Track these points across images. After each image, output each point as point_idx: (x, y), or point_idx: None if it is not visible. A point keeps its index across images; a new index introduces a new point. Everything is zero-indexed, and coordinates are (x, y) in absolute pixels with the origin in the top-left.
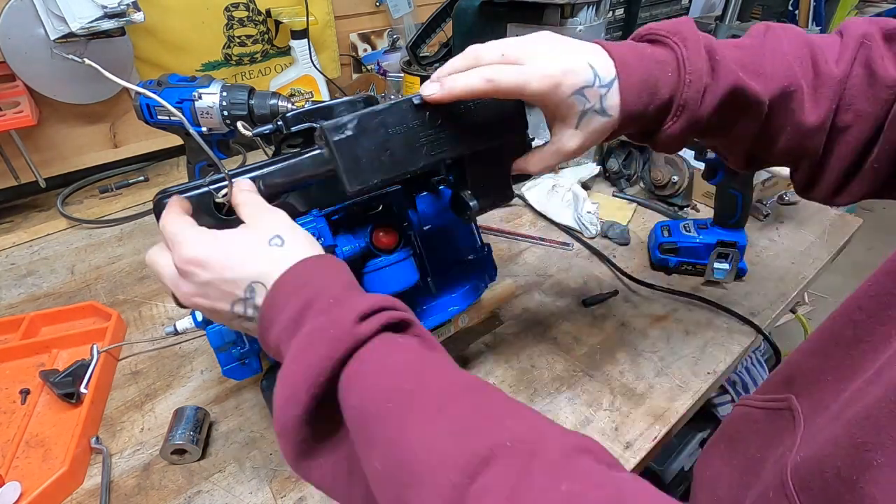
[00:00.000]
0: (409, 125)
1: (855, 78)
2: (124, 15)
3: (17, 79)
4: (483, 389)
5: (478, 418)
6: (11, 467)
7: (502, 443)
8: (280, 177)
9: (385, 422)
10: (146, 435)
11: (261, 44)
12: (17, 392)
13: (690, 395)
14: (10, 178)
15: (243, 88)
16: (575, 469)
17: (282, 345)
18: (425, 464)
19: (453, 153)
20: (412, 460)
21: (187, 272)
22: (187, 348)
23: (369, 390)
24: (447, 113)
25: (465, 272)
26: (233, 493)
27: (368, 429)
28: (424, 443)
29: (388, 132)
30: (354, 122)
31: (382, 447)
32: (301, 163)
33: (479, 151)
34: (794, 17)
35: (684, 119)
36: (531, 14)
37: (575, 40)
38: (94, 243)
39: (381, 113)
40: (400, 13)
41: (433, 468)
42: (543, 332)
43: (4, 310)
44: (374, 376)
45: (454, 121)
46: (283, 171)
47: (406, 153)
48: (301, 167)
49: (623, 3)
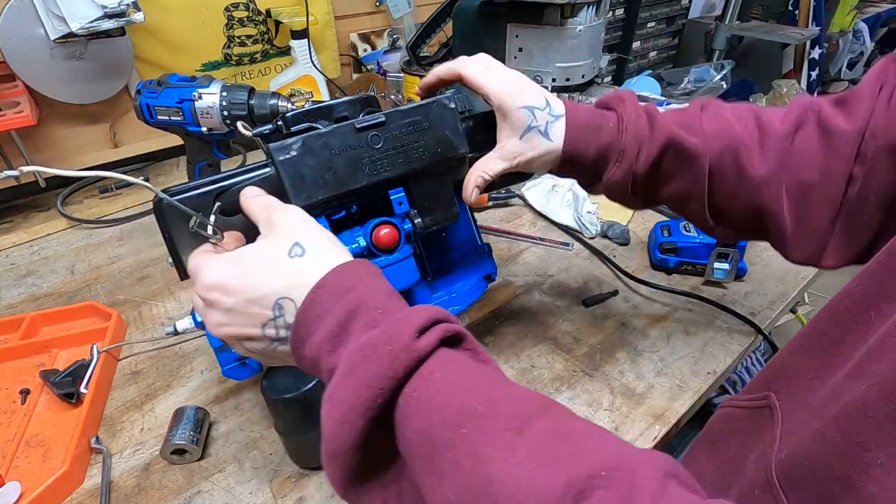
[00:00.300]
0: (352, 146)
1: (809, 139)
2: (124, 15)
3: (17, 79)
4: (552, 408)
5: (559, 443)
6: (11, 467)
7: (596, 472)
8: (234, 195)
9: (457, 449)
10: (146, 435)
11: (261, 44)
12: (17, 392)
13: (690, 395)
14: (10, 179)
15: (243, 88)
16: (673, 498)
17: (322, 358)
18: (513, 497)
19: (394, 172)
20: (496, 493)
21: (211, 301)
22: (187, 348)
23: (435, 413)
24: (388, 136)
25: (466, 271)
26: (233, 493)
27: (436, 457)
28: (509, 473)
29: (332, 153)
30: (299, 143)
31: (456, 477)
32: (251, 180)
33: (420, 171)
34: (794, 17)
35: (625, 165)
36: (531, 14)
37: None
38: (94, 243)
39: (324, 135)
40: (400, 13)
41: (523, 502)
42: (543, 332)
43: (4, 310)
44: (440, 397)
45: (394, 142)
46: (234, 190)
47: (349, 172)
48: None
49: (623, 3)
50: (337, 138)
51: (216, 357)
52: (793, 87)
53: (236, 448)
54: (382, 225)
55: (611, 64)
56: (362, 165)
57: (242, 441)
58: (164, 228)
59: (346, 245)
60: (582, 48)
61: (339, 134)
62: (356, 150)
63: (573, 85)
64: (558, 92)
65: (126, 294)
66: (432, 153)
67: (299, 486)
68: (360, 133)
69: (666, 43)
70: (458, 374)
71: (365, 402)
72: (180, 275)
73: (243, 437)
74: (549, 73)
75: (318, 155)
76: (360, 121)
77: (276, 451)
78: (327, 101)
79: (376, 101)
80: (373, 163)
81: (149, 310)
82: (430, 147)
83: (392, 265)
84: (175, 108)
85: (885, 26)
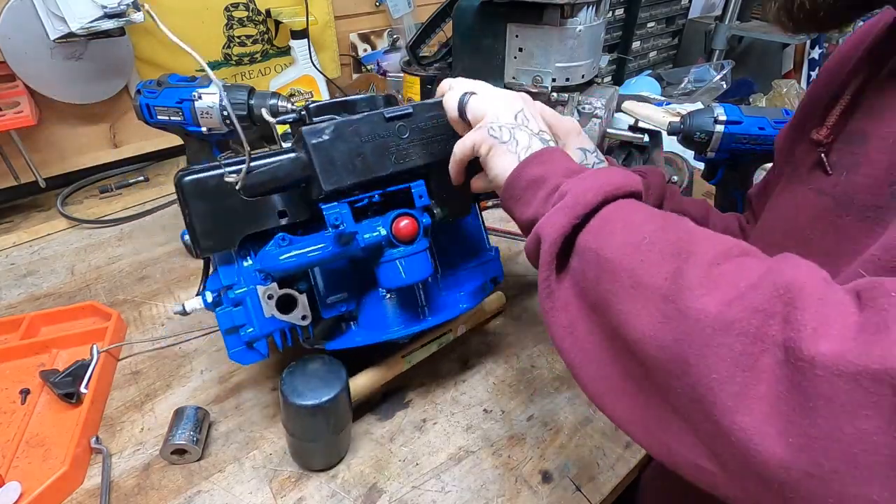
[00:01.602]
0: (381, 135)
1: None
2: (124, 15)
3: (17, 79)
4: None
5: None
6: (11, 467)
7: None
8: (266, 175)
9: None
10: (146, 435)
11: (261, 44)
12: (17, 392)
13: None
14: (10, 178)
15: (243, 88)
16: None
17: (553, 177)
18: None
19: (418, 162)
20: (692, 232)
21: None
22: (187, 348)
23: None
24: (414, 127)
25: (474, 272)
26: (233, 493)
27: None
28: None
29: (362, 140)
30: (331, 128)
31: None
32: (282, 162)
33: (441, 163)
34: None
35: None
36: (531, 14)
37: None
38: (94, 243)
39: (355, 122)
40: (400, 13)
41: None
42: (543, 332)
43: (4, 310)
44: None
45: (419, 134)
46: (268, 169)
47: (376, 159)
48: (282, 166)
49: (623, 3)
50: (367, 126)
51: (224, 340)
52: (792, 87)
53: (236, 448)
54: (403, 216)
55: (611, 64)
56: (389, 154)
57: (242, 441)
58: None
59: (367, 233)
60: (582, 48)
61: (369, 122)
62: (384, 139)
63: (573, 85)
64: (558, 92)
65: (126, 294)
66: (453, 147)
67: (299, 486)
68: (388, 122)
69: (666, 43)
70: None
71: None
72: (195, 251)
73: (243, 437)
74: (549, 73)
75: (348, 141)
76: (389, 111)
77: (276, 451)
78: (350, 96)
79: (396, 100)
80: (399, 152)
81: (149, 310)
82: (451, 141)
83: (409, 256)
84: (175, 108)
85: None
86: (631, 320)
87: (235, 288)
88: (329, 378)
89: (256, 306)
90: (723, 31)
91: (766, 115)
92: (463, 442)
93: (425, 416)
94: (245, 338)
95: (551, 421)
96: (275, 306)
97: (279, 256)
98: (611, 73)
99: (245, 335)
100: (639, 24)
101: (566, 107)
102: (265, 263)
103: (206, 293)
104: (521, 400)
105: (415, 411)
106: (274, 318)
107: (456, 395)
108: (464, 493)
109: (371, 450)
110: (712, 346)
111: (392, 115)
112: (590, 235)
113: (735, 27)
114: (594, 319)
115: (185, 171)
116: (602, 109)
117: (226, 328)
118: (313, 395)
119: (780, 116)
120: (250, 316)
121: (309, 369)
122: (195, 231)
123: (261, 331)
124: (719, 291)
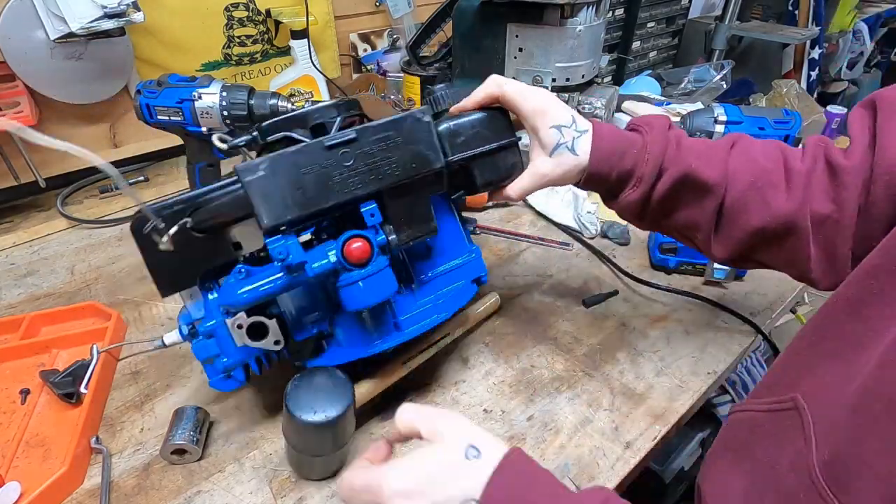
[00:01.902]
0: (322, 164)
1: (821, 174)
2: (124, 15)
3: (17, 79)
4: None
5: None
6: (11, 467)
7: None
8: (208, 213)
9: None
10: (146, 435)
11: (261, 44)
12: (17, 392)
13: (690, 395)
14: (10, 178)
15: (243, 88)
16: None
17: None
18: None
19: (365, 190)
20: None
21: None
22: (187, 348)
23: None
24: (360, 152)
25: (453, 275)
26: (233, 493)
27: None
28: None
29: (301, 172)
30: (266, 163)
31: None
32: (221, 198)
33: (393, 188)
34: (794, 17)
35: (641, 190)
36: (531, 14)
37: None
38: (94, 243)
39: (293, 154)
40: (400, 13)
41: None
42: (543, 332)
43: (4, 310)
44: None
45: (366, 159)
46: (207, 208)
47: (319, 191)
48: (221, 203)
49: (623, 3)
50: (305, 157)
51: (203, 369)
52: (792, 87)
53: (236, 448)
54: (354, 238)
55: (611, 64)
56: (332, 184)
57: (242, 441)
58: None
59: (315, 262)
60: (582, 48)
61: (308, 152)
62: (326, 169)
63: (573, 85)
64: (558, 92)
65: (126, 294)
66: (406, 169)
67: (299, 485)
68: (329, 151)
69: (666, 43)
70: None
71: None
72: (161, 291)
73: (243, 437)
74: (549, 73)
75: (286, 174)
76: (329, 138)
77: (276, 451)
78: (303, 109)
79: (358, 104)
80: (343, 181)
81: (149, 310)
82: (403, 163)
83: (367, 278)
84: (175, 108)
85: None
86: None
87: (205, 321)
88: (335, 393)
89: (227, 337)
90: (723, 31)
91: (766, 115)
92: None
93: None
94: (219, 367)
95: (551, 421)
96: (245, 335)
97: (237, 291)
98: (611, 73)
99: (220, 365)
100: (639, 24)
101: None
102: (225, 300)
103: (181, 326)
104: (521, 400)
105: None
106: (246, 346)
107: (456, 395)
108: None
109: None
110: None
111: (332, 143)
112: None
113: (735, 27)
114: None
115: (137, 215)
116: (602, 109)
117: (202, 358)
118: (320, 411)
119: (781, 116)
120: (223, 346)
121: (315, 383)
122: (154, 274)
123: (235, 359)
124: None
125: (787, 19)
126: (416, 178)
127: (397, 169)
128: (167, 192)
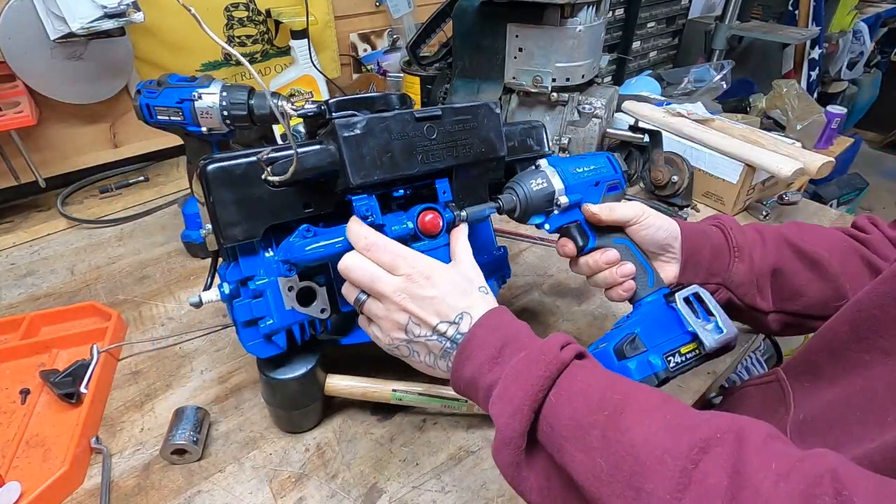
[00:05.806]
0: (410, 134)
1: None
2: (124, 15)
3: (17, 79)
4: (670, 398)
5: (683, 418)
6: (11, 467)
7: (712, 435)
8: (282, 166)
9: (601, 427)
10: (146, 435)
11: (261, 44)
12: (17, 392)
13: (690, 396)
14: (10, 178)
15: (243, 88)
16: (774, 451)
17: (481, 376)
18: (651, 454)
19: (444, 164)
20: (639, 454)
21: (415, 281)
22: (187, 348)
23: (580, 402)
24: (442, 129)
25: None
26: (233, 493)
27: (583, 436)
28: (646, 439)
29: (392, 137)
30: (363, 122)
31: (602, 448)
32: (313, 151)
33: (464, 166)
34: (794, 17)
35: (745, 259)
36: (531, 14)
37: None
38: (94, 243)
39: (387, 119)
40: (400, 13)
41: (660, 457)
42: (543, 332)
43: (4, 310)
44: (583, 390)
45: (446, 137)
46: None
47: (404, 158)
48: (310, 156)
49: (623, 3)
50: (398, 124)
51: (239, 333)
52: (792, 87)
53: (236, 448)
54: (428, 211)
55: (611, 64)
56: (416, 153)
57: (242, 441)
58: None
59: (394, 225)
60: (582, 48)
61: (400, 120)
62: (413, 139)
63: (573, 85)
64: (558, 92)
65: (126, 294)
66: (477, 151)
67: (299, 485)
68: (417, 122)
69: (666, 43)
70: (593, 374)
71: (529, 396)
72: (221, 240)
73: (243, 437)
74: (549, 73)
75: (378, 137)
76: (419, 111)
77: (276, 451)
78: (369, 94)
79: (410, 99)
80: (426, 152)
81: (149, 310)
82: (475, 145)
83: (433, 250)
84: (175, 108)
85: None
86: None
87: (256, 279)
88: (301, 357)
89: (276, 298)
90: (723, 31)
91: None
92: (463, 442)
93: (425, 416)
94: (264, 330)
95: None
96: (294, 298)
97: (305, 247)
98: (611, 73)
99: (264, 327)
100: (639, 24)
101: (566, 107)
102: (290, 254)
103: (223, 284)
104: None
105: (415, 411)
106: (294, 310)
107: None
108: (464, 493)
109: (371, 450)
110: None
111: (422, 116)
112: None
113: (735, 27)
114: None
115: (208, 158)
116: (602, 109)
117: (243, 320)
118: (290, 370)
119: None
120: (270, 308)
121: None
122: (219, 220)
123: (280, 323)
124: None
125: (787, 19)
126: (483, 161)
127: (470, 150)
128: (167, 192)
